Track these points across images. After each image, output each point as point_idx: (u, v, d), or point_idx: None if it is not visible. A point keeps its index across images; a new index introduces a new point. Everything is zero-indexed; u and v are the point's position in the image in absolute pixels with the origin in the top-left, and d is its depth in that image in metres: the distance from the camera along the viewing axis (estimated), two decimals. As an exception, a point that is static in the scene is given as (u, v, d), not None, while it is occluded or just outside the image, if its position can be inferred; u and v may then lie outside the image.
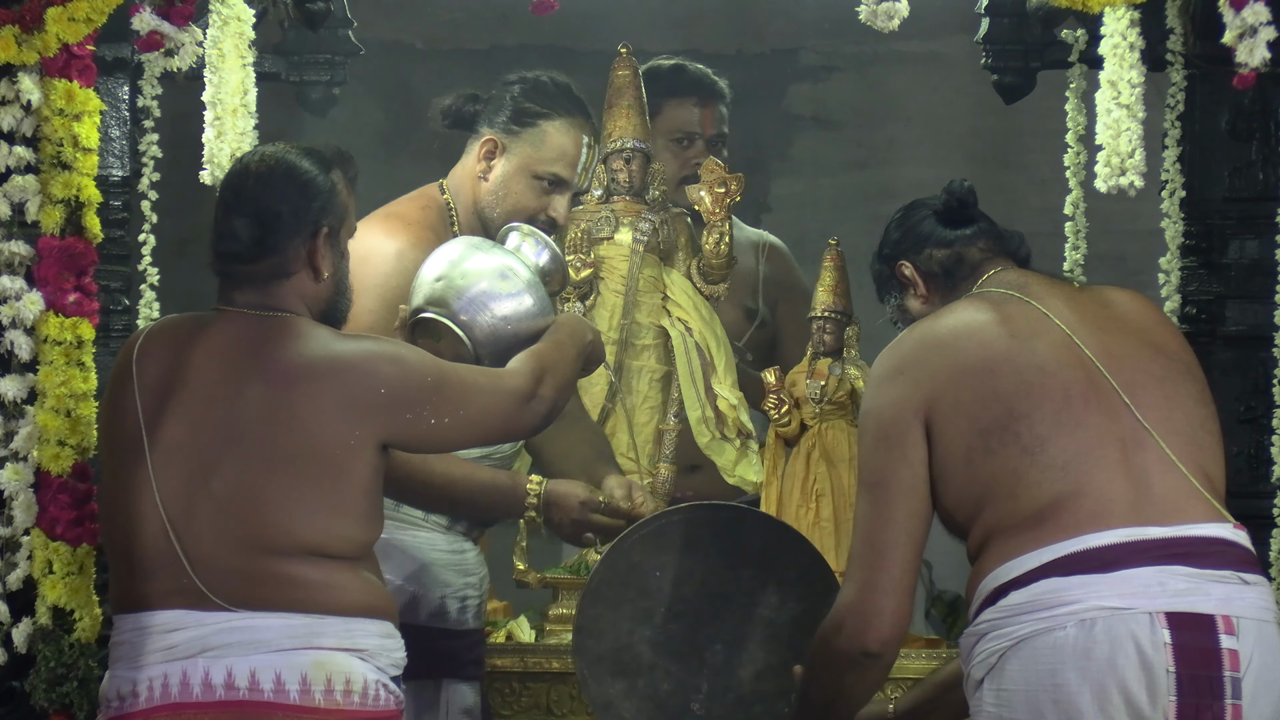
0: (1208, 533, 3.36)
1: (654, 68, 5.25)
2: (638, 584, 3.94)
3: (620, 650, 3.93)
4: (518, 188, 4.17)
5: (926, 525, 3.46)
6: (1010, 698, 3.34)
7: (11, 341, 3.98)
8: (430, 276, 3.75)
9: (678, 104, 5.21)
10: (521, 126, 4.18)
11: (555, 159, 4.18)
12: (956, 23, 5.42)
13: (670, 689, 3.94)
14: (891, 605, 3.42)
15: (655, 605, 3.95)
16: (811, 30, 7.16)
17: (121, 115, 4.47)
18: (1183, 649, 3.27)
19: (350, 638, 3.43)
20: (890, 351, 3.55)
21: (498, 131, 4.18)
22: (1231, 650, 3.28)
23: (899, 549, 3.43)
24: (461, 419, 3.50)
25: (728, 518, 3.99)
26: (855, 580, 3.46)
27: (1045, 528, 3.34)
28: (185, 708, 3.38)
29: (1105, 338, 3.47)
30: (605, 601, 3.93)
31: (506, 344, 3.70)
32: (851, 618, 3.45)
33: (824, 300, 4.67)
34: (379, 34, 6.16)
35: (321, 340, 3.47)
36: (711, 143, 5.25)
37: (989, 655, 3.36)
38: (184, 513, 3.41)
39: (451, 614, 4.11)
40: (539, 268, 3.82)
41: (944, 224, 3.69)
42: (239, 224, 3.49)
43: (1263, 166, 4.60)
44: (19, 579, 3.98)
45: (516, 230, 3.89)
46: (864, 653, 3.45)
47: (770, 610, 3.95)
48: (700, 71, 5.32)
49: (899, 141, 7.34)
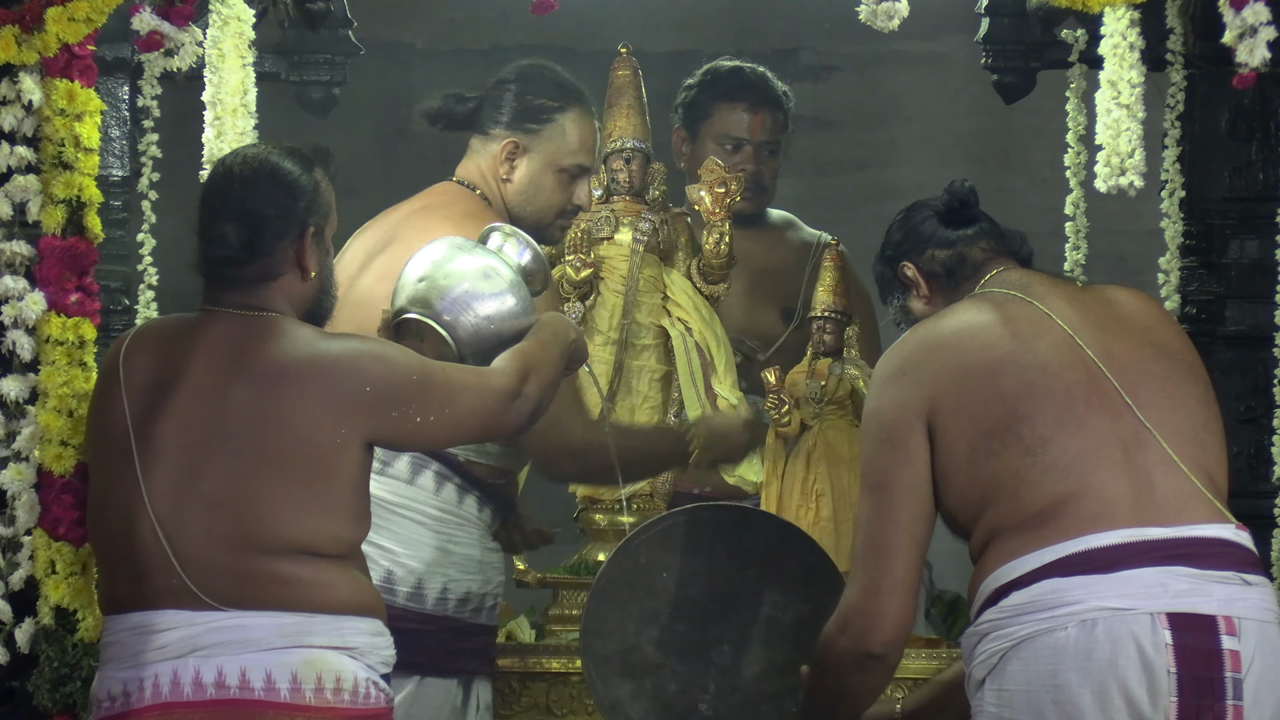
0: (1210, 533, 3.36)
1: (713, 69, 5.28)
2: (644, 584, 3.94)
3: (627, 651, 3.93)
4: (547, 184, 4.23)
5: (930, 526, 3.46)
6: (1011, 698, 3.34)
7: (13, 341, 3.98)
8: (413, 277, 3.76)
9: (729, 108, 5.22)
10: (539, 124, 4.21)
11: (578, 149, 4.24)
12: (956, 23, 5.42)
13: (678, 689, 3.94)
14: (895, 606, 3.43)
15: (662, 605, 3.95)
16: (811, 30, 7.15)
17: (121, 115, 4.48)
18: (1184, 650, 3.27)
19: (340, 636, 3.43)
20: (892, 353, 3.55)
21: (517, 132, 4.20)
22: (1233, 651, 3.28)
23: (902, 550, 3.43)
24: (447, 417, 3.50)
25: (734, 518, 3.99)
26: (858, 582, 3.46)
27: (1047, 528, 3.34)
28: (176, 707, 3.39)
29: (1107, 338, 3.47)
30: (612, 602, 3.93)
31: (490, 344, 3.71)
32: (855, 619, 3.45)
33: (824, 300, 4.67)
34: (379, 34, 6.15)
35: (307, 339, 3.48)
36: (761, 149, 5.24)
37: (990, 655, 3.36)
38: (173, 512, 3.41)
39: (487, 610, 4.16)
40: (521, 267, 3.83)
41: (946, 224, 3.69)
42: (227, 228, 3.49)
43: (1263, 166, 4.60)
44: (21, 579, 3.98)
45: (498, 230, 3.90)
46: (868, 654, 3.46)
47: (776, 610, 3.96)
48: (757, 75, 5.31)
49: (899, 141, 7.33)
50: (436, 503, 4.06)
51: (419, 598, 4.03)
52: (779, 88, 5.33)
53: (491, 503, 4.13)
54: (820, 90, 7.40)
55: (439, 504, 4.06)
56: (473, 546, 4.11)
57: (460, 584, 4.08)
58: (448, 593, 4.06)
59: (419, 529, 4.02)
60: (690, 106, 5.32)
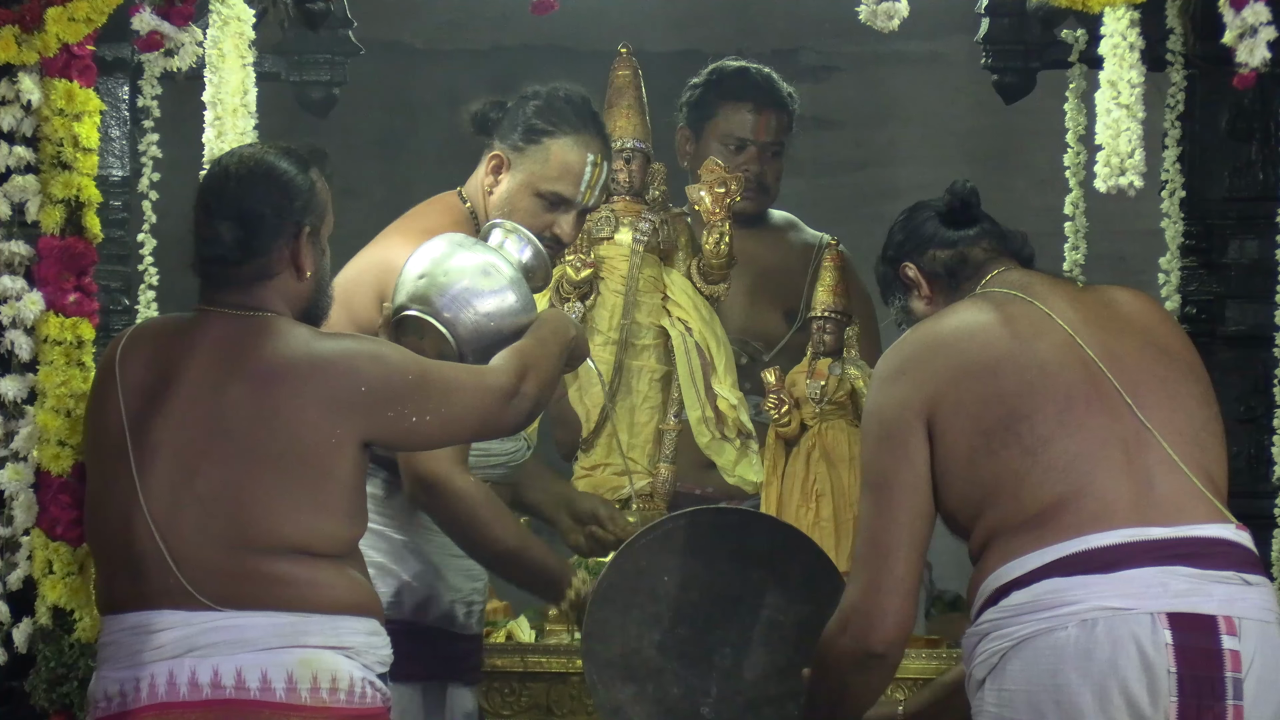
0: (1210, 533, 3.36)
1: (718, 68, 5.26)
2: (645, 588, 3.94)
3: (629, 655, 3.93)
4: (521, 204, 4.09)
5: (930, 526, 3.46)
6: (1011, 698, 3.34)
7: (12, 341, 3.98)
8: (413, 274, 3.75)
9: (733, 108, 5.21)
10: (527, 143, 4.11)
11: (557, 177, 4.09)
12: (956, 23, 5.41)
13: (680, 693, 3.94)
14: (896, 605, 3.43)
15: (663, 609, 3.95)
16: (811, 30, 7.15)
17: (121, 115, 4.47)
18: (1184, 650, 3.27)
19: (336, 635, 3.43)
20: (893, 352, 3.55)
21: (506, 147, 4.13)
22: (1233, 651, 3.28)
23: (902, 549, 3.43)
24: (444, 416, 3.50)
25: (734, 521, 4.00)
26: (859, 581, 3.46)
27: (1047, 528, 3.34)
28: (172, 707, 3.39)
29: (1108, 338, 3.47)
30: (613, 606, 3.93)
31: (489, 341, 3.70)
32: (856, 618, 3.46)
33: (824, 300, 4.68)
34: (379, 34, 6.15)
35: (303, 339, 3.48)
36: (765, 150, 5.23)
37: (990, 655, 3.36)
38: (169, 512, 3.41)
39: (459, 618, 4.11)
40: (522, 264, 3.83)
41: (947, 225, 3.69)
42: (222, 228, 3.49)
43: (1263, 166, 4.59)
44: (19, 579, 3.98)
45: (499, 227, 3.89)
46: (868, 653, 3.46)
47: (777, 612, 3.96)
48: (763, 76, 5.30)
49: (899, 141, 7.34)
50: (385, 509, 4.01)
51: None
52: (784, 89, 5.33)
53: None
54: (820, 90, 7.40)
55: (389, 511, 4.02)
56: (433, 553, 4.07)
57: (417, 590, 4.03)
58: (401, 596, 4.02)
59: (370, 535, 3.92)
60: (695, 106, 5.31)
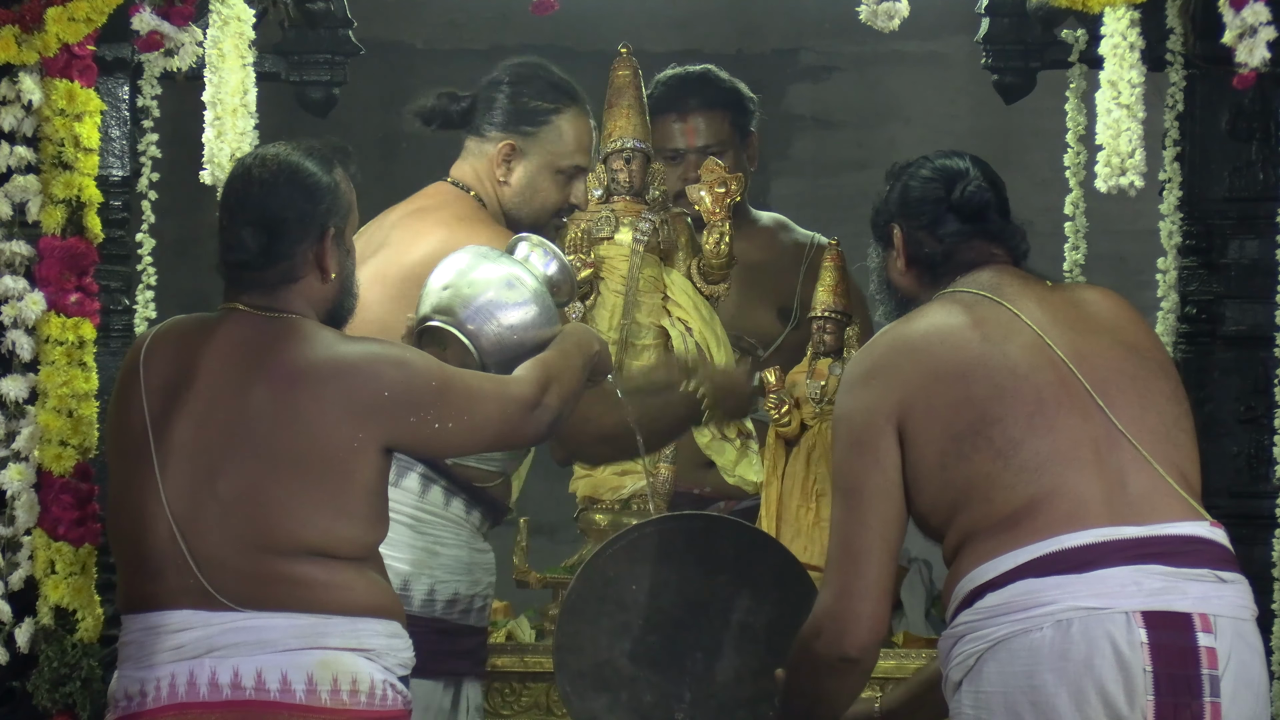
0: (1184, 531, 3.34)
1: (656, 80, 5.17)
2: (614, 598, 3.93)
3: (601, 665, 3.92)
4: (544, 186, 4.19)
5: (902, 529, 3.45)
6: (988, 700, 3.33)
7: (13, 342, 3.99)
8: (438, 285, 3.76)
9: (660, 121, 5.12)
10: (536, 126, 4.17)
11: (575, 150, 4.20)
12: (956, 23, 5.43)
13: (653, 700, 3.93)
14: (869, 610, 3.42)
15: (633, 618, 3.94)
16: (811, 30, 7.16)
17: (121, 115, 4.47)
18: (1159, 648, 3.26)
19: (357, 637, 3.42)
20: (862, 356, 3.53)
21: (513, 135, 4.17)
22: (1209, 648, 3.27)
23: (874, 554, 3.42)
24: (465, 424, 3.49)
25: (700, 526, 3.98)
26: (832, 586, 3.45)
27: (1020, 529, 3.33)
28: (192, 707, 3.38)
29: (1076, 338, 3.45)
30: (583, 617, 3.92)
31: (513, 353, 3.70)
32: (829, 623, 3.44)
33: (824, 300, 4.68)
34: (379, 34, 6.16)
35: (326, 342, 3.47)
36: (702, 154, 5.16)
37: (966, 657, 3.35)
38: (190, 513, 3.40)
39: (478, 612, 4.14)
40: (547, 278, 3.83)
41: (951, 212, 3.62)
42: (246, 232, 3.47)
43: (1263, 166, 4.60)
44: (21, 579, 3.99)
45: (525, 240, 3.90)
46: (842, 658, 3.44)
47: (748, 615, 3.94)
48: (677, 82, 5.21)
49: (899, 141, 7.33)
50: (422, 505, 4.04)
51: (405, 599, 4.02)
52: (727, 86, 5.22)
53: (480, 505, 4.12)
54: (820, 90, 7.41)
55: (425, 506, 4.04)
56: (460, 548, 4.09)
57: (448, 585, 4.06)
58: (435, 594, 4.05)
59: (404, 530, 3.99)
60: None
